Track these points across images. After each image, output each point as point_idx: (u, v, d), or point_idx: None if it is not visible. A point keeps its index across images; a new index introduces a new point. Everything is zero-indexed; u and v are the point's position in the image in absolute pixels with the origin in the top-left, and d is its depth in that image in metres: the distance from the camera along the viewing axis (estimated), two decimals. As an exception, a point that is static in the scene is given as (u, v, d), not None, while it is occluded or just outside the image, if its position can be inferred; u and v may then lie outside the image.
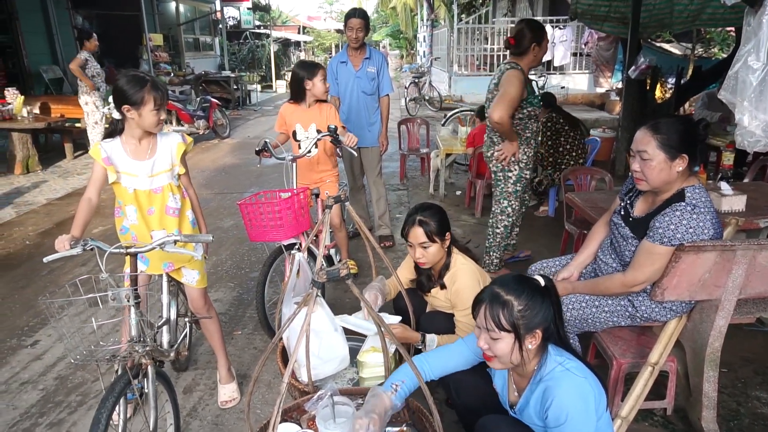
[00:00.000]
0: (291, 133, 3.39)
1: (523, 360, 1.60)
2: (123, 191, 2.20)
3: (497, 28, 13.86)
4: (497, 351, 1.59)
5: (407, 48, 29.45)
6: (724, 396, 2.51)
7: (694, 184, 2.06)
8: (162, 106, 2.10)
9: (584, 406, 1.52)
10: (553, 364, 1.59)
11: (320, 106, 3.38)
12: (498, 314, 1.56)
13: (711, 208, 2.02)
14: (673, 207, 2.01)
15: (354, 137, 3.15)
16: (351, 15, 4.07)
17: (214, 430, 2.42)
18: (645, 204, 2.20)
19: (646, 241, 2.06)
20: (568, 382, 1.55)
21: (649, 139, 2.02)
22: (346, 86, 4.20)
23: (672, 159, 2.00)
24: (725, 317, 2.11)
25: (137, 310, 1.88)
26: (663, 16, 6.07)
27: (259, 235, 2.67)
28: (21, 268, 4.15)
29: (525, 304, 1.56)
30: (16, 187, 6.45)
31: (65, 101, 7.59)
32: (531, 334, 1.57)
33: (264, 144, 3.04)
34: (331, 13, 48.54)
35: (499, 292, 1.58)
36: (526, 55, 3.36)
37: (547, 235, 4.67)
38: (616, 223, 2.28)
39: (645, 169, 2.05)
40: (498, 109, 3.21)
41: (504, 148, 3.43)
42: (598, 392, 1.58)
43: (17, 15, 9.21)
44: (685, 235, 1.97)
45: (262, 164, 3.78)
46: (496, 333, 1.57)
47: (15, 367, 2.92)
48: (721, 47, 11.34)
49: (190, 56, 15.62)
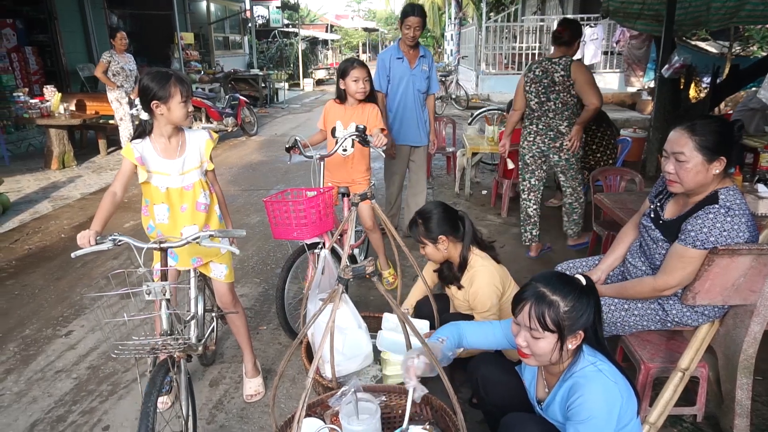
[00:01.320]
0: (330, 130, 3.34)
1: (561, 359, 1.59)
2: (154, 190, 2.23)
3: (526, 26, 13.70)
4: (537, 350, 1.57)
5: (434, 46, 29.33)
6: (757, 404, 2.43)
7: (728, 186, 2.00)
8: (188, 98, 2.13)
9: (608, 412, 1.49)
10: (585, 363, 1.57)
11: (363, 105, 3.29)
12: (543, 314, 1.53)
13: (746, 211, 1.96)
14: (706, 209, 1.95)
15: (384, 138, 3.10)
16: (409, 12, 3.93)
17: (239, 422, 2.46)
18: (676, 206, 2.15)
19: (678, 244, 2.01)
20: (598, 383, 1.52)
21: (686, 140, 1.96)
22: (400, 83, 4.08)
23: (710, 161, 1.94)
24: (761, 323, 2.05)
25: (169, 305, 1.92)
26: (699, 14, 5.89)
27: (282, 233, 2.67)
28: (56, 261, 4.28)
29: (572, 305, 1.53)
30: (53, 182, 6.66)
31: (99, 98, 7.79)
32: (574, 335, 1.55)
33: (294, 141, 3.05)
34: (358, 12, 48.72)
35: (545, 291, 1.55)
36: (572, 47, 3.78)
37: (575, 236, 4.60)
38: (646, 225, 2.23)
39: (680, 172, 1.98)
40: (597, 94, 3.68)
41: (575, 135, 3.80)
42: (627, 398, 1.55)
43: (57, 15, 9.49)
44: (718, 238, 1.92)
45: (292, 161, 3.79)
46: (539, 333, 1.55)
47: (50, 356, 3.02)
48: (761, 45, 10.96)
49: (220, 54, 15.87)
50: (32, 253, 4.49)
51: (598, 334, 1.61)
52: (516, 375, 1.94)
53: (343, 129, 3.33)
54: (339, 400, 1.86)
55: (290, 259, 2.97)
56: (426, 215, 2.40)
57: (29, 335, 3.23)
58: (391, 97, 4.15)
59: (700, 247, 1.95)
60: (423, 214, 2.41)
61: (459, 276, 2.43)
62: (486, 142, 5.56)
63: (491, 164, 6.80)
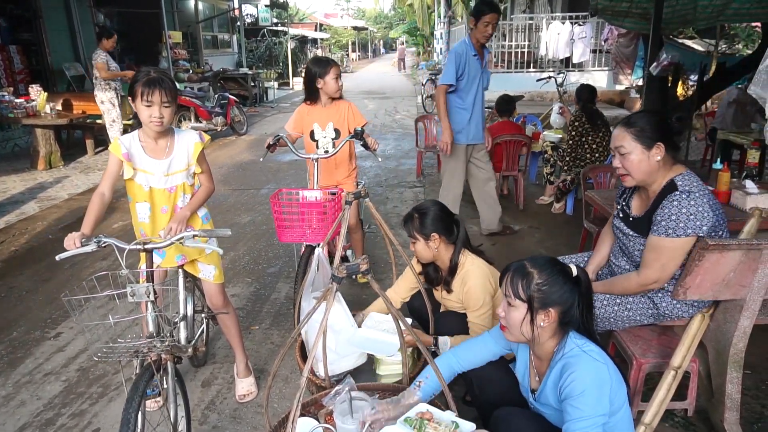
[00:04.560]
0: (309, 133, 3.33)
1: (534, 336, 1.64)
2: (137, 188, 2.20)
3: (515, 24, 13.74)
4: (510, 319, 1.66)
5: (424, 45, 29.37)
6: (747, 398, 2.46)
7: (683, 172, 2.08)
8: (153, 102, 2.03)
9: (598, 387, 1.54)
10: (572, 345, 1.63)
11: (337, 104, 3.30)
12: (517, 283, 1.63)
13: (705, 192, 2.03)
14: (669, 198, 2.02)
15: (376, 141, 3.09)
16: (488, 9, 3.80)
17: (232, 423, 2.44)
18: (640, 201, 2.22)
19: (652, 236, 2.07)
20: (587, 362, 1.57)
21: (624, 134, 2.09)
22: (473, 81, 4.03)
23: (648, 148, 2.05)
24: (750, 318, 2.07)
25: (155, 306, 1.90)
26: (686, 12, 5.95)
27: (291, 236, 2.62)
28: (44, 262, 4.23)
29: (545, 279, 1.61)
30: (39, 182, 6.58)
31: (87, 98, 7.70)
32: (545, 310, 1.61)
33: (278, 138, 3.01)
34: (347, 10, 48.62)
35: (526, 264, 1.66)
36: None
37: (566, 233, 4.63)
38: (618, 226, 2.29)
39: (626, 164, 2.10)
40: None
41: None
42: (617, 382, 1.58)
43: (42, 13, 9.36)
44: (687, 222, 1.98)
45: (266, 158, 3.65)
46: (512, 300, 1.64)
47: (38, 358, 2.98)
48: (746, 43, 11.10)
49: (209, 53, 15.74)
50: (19, 254, 4.42)
51: (587, 325, 1.66)
52: (509, 373, 1.94)
53: (321, 130, 3.32)
54: (333, 399, 1.86)
55: (304, 257, 2.88)
56: (423, 210, 2.38)
57: (16, 338, 3.18)
58: (464, 95, 4.06)
59: (672, 235, 2.00)
60: (420, 209, 2.40)
61: (449, 280, 2.42)
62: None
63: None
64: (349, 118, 3.28)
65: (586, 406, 1.51)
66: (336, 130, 3.30)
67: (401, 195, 5.94)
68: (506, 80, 13.30)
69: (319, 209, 2.58)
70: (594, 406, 1.51)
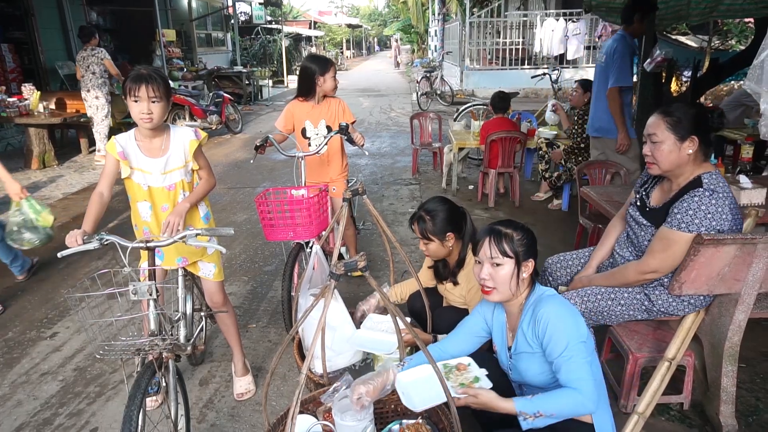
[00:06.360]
0: (300, 131, 3.32)
1: (518, 289, 1.79)
2: (136, 187, 2.19)
3: (509, 21, 13.75)
4: (499, 278, 1.77)
5: (418, 42, 29.34)
6: (742, 391, 2.48)
7: (711, 171, 2.06)
8: (141, 98, 2.00)
9: (572, 315, 1.71)
10: (540, 291, 1.83)
11: (328, 101, 3.30)
12: (502, 242, 1.77)
13: (729, 194, 2.01)
14: (692, 193, 2.01)
15: (362, 136, 3.10)
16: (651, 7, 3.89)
17: (230, 421, 2.45)
18: (661, 193, 2.20)
19: (664, 227, 2.06)
20: (555, 298, 1.78)
21: (659, 122, 2.08)
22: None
23: (681, 140, 2.03)
24: (745, 311, 2.09)
25: (156, 304, 1.89)
26: (680, 8, 5.96)
27: (277, 234, 2.62)
28: (39, 261, 4.20)
29: (521, 235, 1.80)
30: (33, 182, 6.54)
31: (80, 97, 7.63)
32: (526, 262, 1.79)
33: (265, 139, 3.01)
34: (342, 8, 48.49)
35: (499, 227, 1.82)
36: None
37: (561, 229, 4.64)
38: (632, 214, 2.27)
39: (655, 152, 2.09)
40: None
41: None
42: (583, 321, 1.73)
43: (34, 11, 9.29)
44: (703, 220, 1.96)
45: (262, 157, 3.63)
46: (500, 259, 1.77)
47: (35, 358, 2.97)
48: (739, 39, 11.14)
49: (203, 51, 15.67)
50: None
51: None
52: (504, 374, 1.95)
53: (314, 128, 3.31)
54: (331, 396, 1.86)
55: (292, 255, 2.89)
56: (434, 212, 2.34)
57: (12, 338, 3.17)
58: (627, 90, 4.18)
59: (684, 229, 1.99)
60: (431, 210, 2.34)
61: (456, 272, 2.43)
62: (472, 137, 5.58)
63: (477, 159, 6.83)
64: (340, 116, 3.28)
65: (566, 331, 1.66)
66: (328, 128, 3.29)
67: (397, 192, 5.94)
68: (501, 77, 13.33)
69: (301, 206, 2.58)
70: (573, 330, 1.67)
